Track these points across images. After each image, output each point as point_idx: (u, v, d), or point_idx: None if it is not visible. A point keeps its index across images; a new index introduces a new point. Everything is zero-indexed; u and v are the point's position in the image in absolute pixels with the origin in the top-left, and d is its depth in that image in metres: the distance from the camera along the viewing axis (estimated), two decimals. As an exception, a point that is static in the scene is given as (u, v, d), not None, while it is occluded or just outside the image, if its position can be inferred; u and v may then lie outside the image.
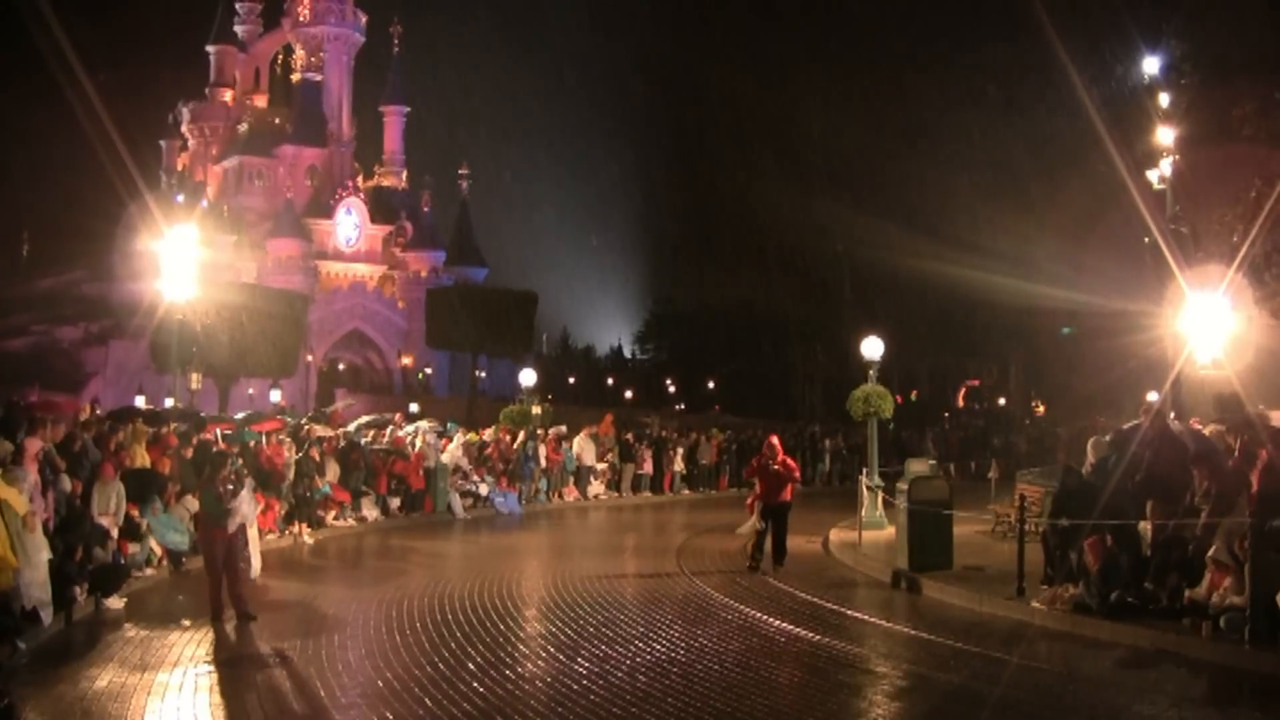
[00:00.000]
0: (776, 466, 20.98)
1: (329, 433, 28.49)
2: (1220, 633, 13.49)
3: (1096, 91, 36.56)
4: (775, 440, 21.95)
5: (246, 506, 17.21)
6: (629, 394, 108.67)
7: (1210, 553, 14.09)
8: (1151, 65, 31.34)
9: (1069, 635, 14.90)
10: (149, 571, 19.22)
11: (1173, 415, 20.06)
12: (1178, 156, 28.58)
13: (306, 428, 27.74)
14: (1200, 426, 18.68)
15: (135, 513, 19.15)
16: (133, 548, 18.81)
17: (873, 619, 16.55)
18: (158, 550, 19.67)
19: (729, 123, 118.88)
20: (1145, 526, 15.86)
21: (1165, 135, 28.85)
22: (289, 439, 26.11)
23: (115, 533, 18.11)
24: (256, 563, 19.18)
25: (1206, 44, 29.96)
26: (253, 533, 18.88)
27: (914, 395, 66.86)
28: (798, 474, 22.27)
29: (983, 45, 71.82)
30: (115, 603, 16.54)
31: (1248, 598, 13.30)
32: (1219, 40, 29.14)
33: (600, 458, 36.82)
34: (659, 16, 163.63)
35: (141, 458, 21.03)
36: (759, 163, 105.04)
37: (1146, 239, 28.84)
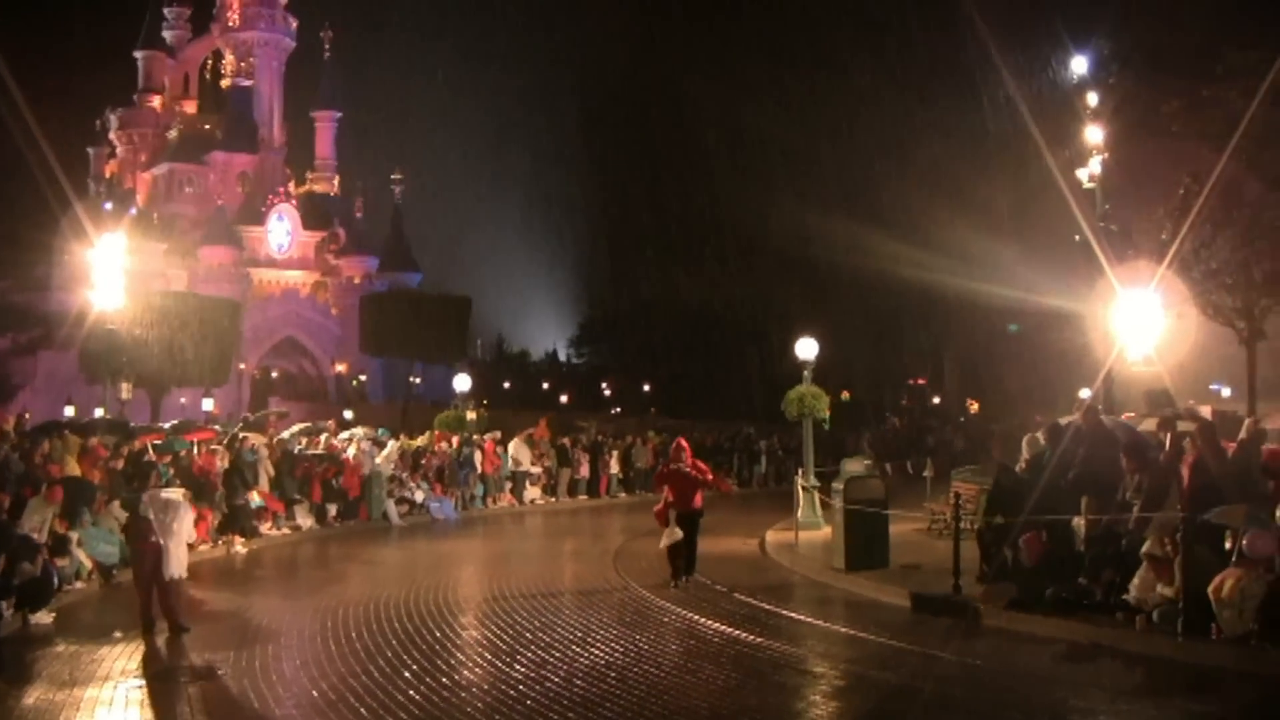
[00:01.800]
0: (687, 469, 19.97)
1: (262, 440, 28.25)
2: (1154, 626, 13.60)
3: (1027, 90, 36.86)
4: (683, 442, 20.99)
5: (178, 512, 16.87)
6: (565, 398, 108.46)
7: (1145, 547, 14.18)
8: (1080, 64, 31.64)
9: (1006, 631, 14.95)
10: (79, 585, 18.89)
11: (1099, 408, 20.22)
12: (1107, 154, 28.84)
13: (241, 436, 27.50)
14: (1134, 421, 18.87)
15: (65, 528, 18.85)
16: (62, 561, 18.49)
17: (810, 619, 16.54)
18: (87, 563, 19.35)
19: (661, 126, 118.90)
20: (1079, 522, 15.94)
21: (1094, 134, 29.11)
22: (221, 448, 25.86)
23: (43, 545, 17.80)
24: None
25: (1135, 42, 30.26)
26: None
27: (845, 395, 67.06)
28: (710, 477, 21.19)
29: (917, 42, 72.40)
30: (44, 618, 16.24)
31: (1179, 591, 13.40)
32: (1147, 38, 29.43)
33: (536, 462, 36.69)
34: (591, 17, 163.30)
35: (73, 470, 20.76)
36: (692, 164, 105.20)
37: (1077, 237, 29.09)
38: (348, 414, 65.01)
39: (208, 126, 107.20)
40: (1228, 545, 13.48)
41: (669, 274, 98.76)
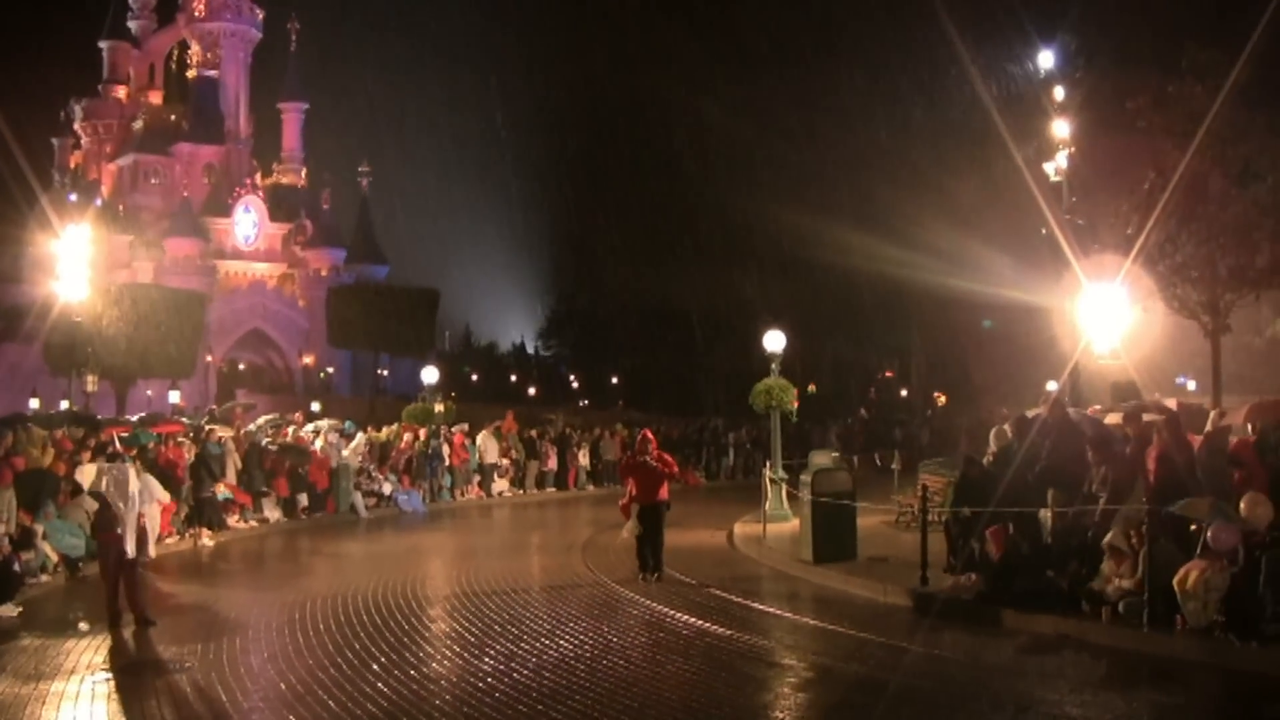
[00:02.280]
0: (652, 462, 19.58)
1: (229, 433, 28.15)
2: (1119, 618, 13.66)
3: (995, 85, 37.02)
4: (649, 434, 20.77)
5: (145, 496, 16.69)
6: (532, 390, 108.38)
7: (1106, 539, 14.27)
8: (1047, 59, 31.80)
9: (972, 624, 14.97)
10: (44, 578, 18.81)
11: (1066, 402, 20.32)
12: (1073, 149, 28.98)
13: (208, 429, 27.38)
14: (1101, 414, 18.96)
15: (29, 520, 18.73)
16: (27, 554, 18.37)
17: (779, 612, 16.57)
18: (53, 556, 19.25)
19: (629, 120, 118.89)
20: (1046, 515, 16.01)
21: (1061, 128, 29.25)
22: (188, 441, 25.74)
23: (6, 539, 17.67)
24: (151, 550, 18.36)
25: (1101, 38, 30.41)
26: (151, 525, 18.12)
27: (811, 388, 67.08)
28: (675, 469, 21.00)
29: (886, 38, 72.72)
30: (9, 611, 16.16)
31: (1144, 583, 13.48)
32: (1113, 34, 29.58)
33: (504, 454, 36.63)
34: (556, 12, 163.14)
35: (37, 463, 20.61)
36: (661, 158, 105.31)
37: (1044, 230, 29.22)
38: (315, 406, 64.85)
39: (173, 117, 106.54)
40: (1193, 530, 13.59)
41: (637, 267, 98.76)
